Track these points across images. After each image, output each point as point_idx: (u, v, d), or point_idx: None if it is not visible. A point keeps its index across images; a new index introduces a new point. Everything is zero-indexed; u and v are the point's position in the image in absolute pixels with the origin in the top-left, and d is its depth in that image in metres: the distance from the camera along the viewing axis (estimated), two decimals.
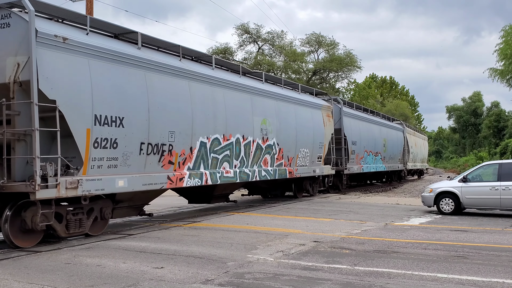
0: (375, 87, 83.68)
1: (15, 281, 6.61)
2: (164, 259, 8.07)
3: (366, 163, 27.25)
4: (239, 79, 15.23)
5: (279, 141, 17.02)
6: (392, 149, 33.07)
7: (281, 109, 17.45)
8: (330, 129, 21.51)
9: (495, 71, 41.71)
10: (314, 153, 19.92)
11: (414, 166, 42.31)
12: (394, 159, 33.70)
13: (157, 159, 11.38)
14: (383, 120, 32.96)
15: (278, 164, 17.03)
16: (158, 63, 11.64)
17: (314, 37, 46.23)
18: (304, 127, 19.05)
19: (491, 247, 9.49)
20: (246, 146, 14.97)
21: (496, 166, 14.87)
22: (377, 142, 29.49)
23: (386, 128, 32.17)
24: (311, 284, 6.52)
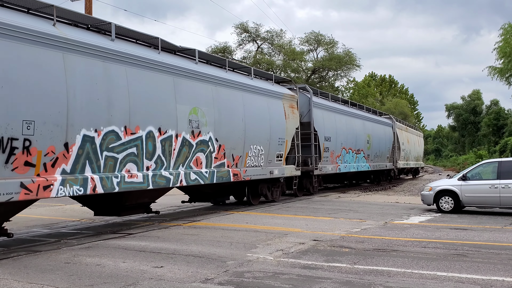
0: (375, 85, 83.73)
1: (15, 281, 6.60)
2: (164, 258, 8.07)
3: (345, 162, 24.12)
4: (157, 56, 11.71)
5: (218, 136, 13.70)
6: (379, 146, 30.02)
7: (222, 97, 14.01)
8: (294, 123, 18.37)
9: (494, 69, 41.68)
10: (272, 151, 16.69)
11: (407, 165, 39.03)
12: (381, 157, 30.62)
13: (2, 160, 8.10)
14: (368, 113, 29.56)
15: (218, 165, 13.77)
16: (11, 26, 8.34)
17: (313, 35, 46.26)
18: (257, 120, 15.71)
19: (491, 245, 9.50)
20: (165, 142, 11.53)
21: (496, 164, 14.87)
22: (359, 138, 26.33)
23: (370, 122, 28.94)
24: (310, 283, 6.52)
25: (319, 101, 21.62)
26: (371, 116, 29.89)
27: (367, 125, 28.11)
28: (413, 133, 43.98)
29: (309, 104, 20.58)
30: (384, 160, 31.47)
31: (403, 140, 36.53)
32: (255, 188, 16.78)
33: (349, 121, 25.11)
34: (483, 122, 62.12)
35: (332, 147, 22.49)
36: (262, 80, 17.41)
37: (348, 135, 24.61)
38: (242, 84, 15.21)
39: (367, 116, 28.69)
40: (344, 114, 24.55)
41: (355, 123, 25.94)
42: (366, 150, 27.46)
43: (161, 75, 11.63)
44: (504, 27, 38.23)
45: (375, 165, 29.29)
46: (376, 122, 30.42)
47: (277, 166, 17.15)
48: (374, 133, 29.04)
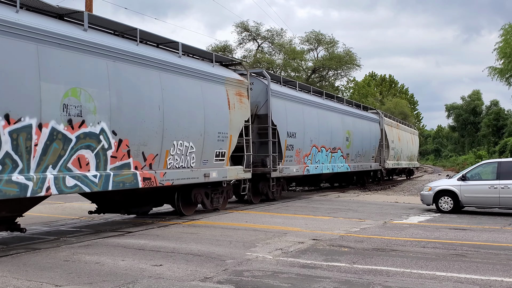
0: (375, 85, 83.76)
1: (14, 278, 6.61)
2: (163, 256, 8.07)
3: (316, 162, 20.67)
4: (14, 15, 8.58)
5: (117, 127, 10.26)
6: (362, 144, 26.70)
7: (125, 76, 10.60)
8: (242, 114, 15.00)
9: (495, 70, 41.69)
10: (208, 148, 13.37)
11: (398, 165, 35.37)
12: (365, 156, 27.32)
13: None
14: (348, 107, 25.96)
15: (119, 167, 10.35)
16: None
17: (314, 35, 46.27)
18: (183, 109, 12.38)
19: (490, 245, 9.51)
20: (18, 134, 8.36)
21: (495, 165, 14.88)
22: (336, 135, 22.87)
23: (351, 117, 25.41)
24: (309, 282, 6.52)
25: (279, 90, 18.17)
26: (353, 110, 26.45)
27: (347, 120, 24.65)
28: (406, 131, 40.23)
29: (266, 93, 17.03)
30: (368, 159, 28.23)
31: (393, 138, 33.14)
32: (187, 195, 13.41)
33: (323, 115, 21.58)
34: (483, 123, 62.12)
35: (299, 145, 18.97)
36: (197, 59, 13.87)
37: (321, 131, 21.17)
38: (160, 61, 11.70)
39: (347, 110, 25.13)
40: (315, 107, 21.00)
41: (330, 117, 22.47)
42: (345, 149, 24.10)
43: (14, 40, 8.39)
44: (505, 28, 38.23)
45: (356, 166, 25.94)
46: (359, 117, 26.91)
47: (216, 167, 13.77)
48: (356, 130, 25.75)
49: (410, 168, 41.88)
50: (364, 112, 28.79)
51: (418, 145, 48.09)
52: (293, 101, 19.05)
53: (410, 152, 40.44)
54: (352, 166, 25.16)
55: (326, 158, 21.79)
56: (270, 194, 17.52)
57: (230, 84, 14.57)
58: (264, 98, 17.06)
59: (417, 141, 47.66)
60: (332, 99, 24.07)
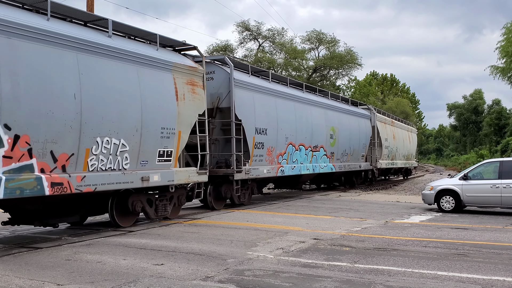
0: (376, 84, 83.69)
1: (16, 277, 6.61)
2: (164, 255, 8.08)
3: (293, 161, 18.38)
4: None
5: (12, 120, 8.23)
6: (349, 142, 24.24)
7: (23, 57, 8.55)
8: (196, 107, 12.70)
9: (497, 69, 41.69)
10: (149, 146, 11.24)
11: (393, 164, 32.90)
12: (353, 155, 24.94)
13: None
14: (333, 101, 23.35)
15: (14, 169, 8.28)
16: None
17: (315, 34, 46.23)
18: (111, 97, 10.20)
19: (492, 245, 9.50)
20: None
21: (497, 164, 14.86)
22: (318, 132, 20.49)
23: (337, 112, 22.92)
24: (311, 281, 6.52)
25: (246, 80, 15.71)
26: (339, 104, 23.80)
27: (331, 116, 22.20)
28: (403, 128, 37.53)
29: (229, 83, 14.74)
30: (358, 159, 25.88)
31: (387, 136, 30.88)
32: (123, 203, 11.24)
33: (302, 110, 19.20)
34: (484, 122, 62.10)
35: (271, 142, 16.70)
36: (137, 41, 11.79)
37: (300, 127, 18.83)
38: (77, 40, 9.55)
39: (331, 104, 22.57)
40: (293, 100, 18.66)
41: (311, 112, 20.03)
42: (329, 147, 21.73)
43: None
44: (507, 26, 38.22)
45: (343, 166, 23.55)
46: (346, 112, 24.34)
47: (159, 169, 11.58)
48: (343, 126, 23.39)
49: (407, 167, 39.67)
50: (352, 107, 26.13)
51: (416, 144, 45.17)
52: (264, 93, 16.61)
53: (407, 151, 37.96)
54: (337, 166, 22.70)
55: (305, 158, 19.40)
56: (235, 199, 15.40)
57: (179, 71, 12.17)
58: (227, 88, 14.78)
59: (415, 139, 44.61)
60: (315, 92, 21.65)
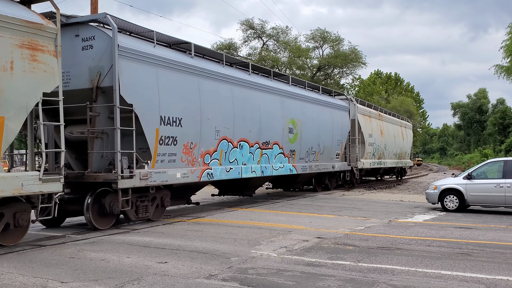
0: (380, 83, 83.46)
1: (20, 275, 6.64)
2: (168, 254, 8.09)
3: (231, 162, 14.40)
4: None
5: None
6: (318, 138, 20.26)
7: None
8: (39, 82, 8.81)
9: (501, 68, 41.55)
10: None
11: (380, 164, 28.93)
12: (323, 154, 20.94)
13: None
14: (293, 87, 19.02)
15: None
16: None
17: (319, 32, 46.14)
18: None
19: (496, 244, 9.47)
20: None
21: (501, 164, 14.82)
22: (269, 125, 16.40)
23: (299, 101, 18.84)
24: (314, 280, 6.52)
25: (144, 50, 11.46)
26: (302, 92, 19.57)
27: (291, 106, 18.16)
28: (394, 123, 33.37)
29: (112, 52, 10.68)
30: (330, 158, 21.84)
31: (371, 131, 27.08)
32: None
33: (244, 96, 15.08)
34: (489, 121, 61.89)
35: (189, 137, 12.58)
36: None
37: (240, 118, 14.72)
38: None
39: (290, 91, 18.40)
40: (229, 83, 14.40)
41: (259, 99, 15.93)
42: (288, 144, 17.74)
43: None
44: None
45: (309, 166, 19.52)
46: (314, 102, 20.21)
47: None
48: (308, 119, 19.42)
49: (401, 167, 35.96)
50: (324, 96, 21.96)
51: (411, 141, 40.23)
52: (177, 71, 12.28)
53: (399, 148, 33.97)
54: (300, 167, 18.79)
55: (250, 157, 15.38)
56: (130, 215, 11.27)
57: (7, 27, 8.33)
58: (110, 61, 10.70)
59: (411, 136, 39.77)
60: (267, 75, 17.62)
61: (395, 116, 34.91)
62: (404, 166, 36.61)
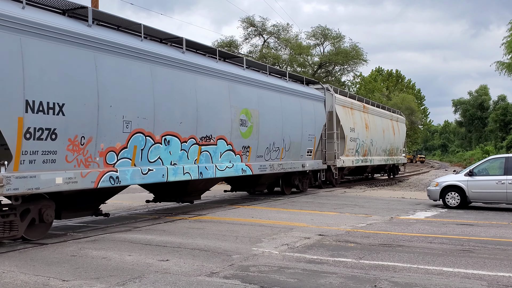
0: (381, 80, 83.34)
1: (21, 273, 6.64)
2: (170, 251, 8.09)
3: (152, 161, 11.31)
4: None
5: None
6: (283, 132, 17.06)
7: None
8: None
9: (502, 65, 41.49)
10: None
11: (365, 162, 26.27)
12: (290, 151, 17.67)
13: None
14: (247, 71, 15.65)
15: None
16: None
17: (320, 30, 46.07)
18: None
19: (497, 241, 9.46)
20: None
21: (503, 160, 14.80)
22: (211, 115, 13.35)
23: (256, 88, 15.63)
24: (316, 277, 6.51)
25: None
26: (260, 77, 16.16)
27: (245, 93, 15.04)
28: (383, 116, 30.29)
29: None
30: (300, 156, 18.59)
31: (354, 124, 24.37)
32: None
33: (171, 77, 11.96)
34: (490, 118, 61.82)
35: (79, 129, 9.45)
36: None
37: (163, 105, 11.61)
38: None
39: (244, 76, 15.07)
40: (148, 61, 11.29)
41: (197, 84, 12.78)
42: (239, 139, 14.62)
43: None
44: None
45: (269, 166, 16.39)
46: (277, 90, 17.01)
47: None
48: (269, 109, 16.24)
49: (393, 164, 33.14)
50: (292, 84, 18.72)
51: (404, 136, 36.97)
52: (55, 40, 9.09)
53: (389, 144, 31.04)
54: (258, 166, 15.66)
55: (183, 155, 12.23)
56: None
57: None
58: None
59: (403, 130, 36.50)
60: (213, 56, 14.30)
61: (384, 109, 32.04)
62: (396, 163, 33.71)
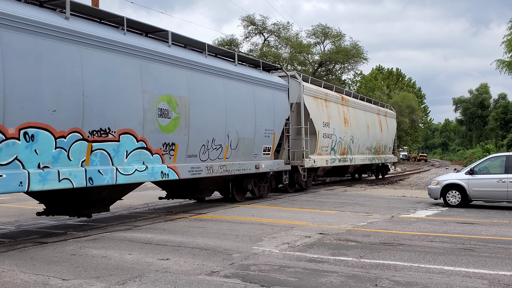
0: (382, 79, 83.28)
1: (21, 272, 6.63)
2: (170, 250, 8.07)
3: (6, 165, 8.13)
4: None
5: None
6: (226, 126, 13.88)
7: None
8: None
9: (503, 63, 41.45)
10: None
11: (344, 161, 23.05)
12: (238, 149, 14.52)
13: None
14: (176, 49, 12.56)
15: None
16: None
17: (320, 28, 46.02)
18: None
19: (498, 239, 9.44)
20: None
21: (504, 158, 14.78)
22: (115, 103, 10.29)
23: (186, 71, 12.43)
24: (316, 276, 6.49)
25: None
26: (192, 57, 12.84)
27: (167, 76, 11.83)
28: (367, 110, 27.14)
29: None
30: (254, 155, 15.40)
31: (328, 118, 21.25)
32: None
33: (34, 48, 8.67)
34: (490, 116, 61.80)
35: None
36: None
37: (19, 86, 8.39)
38: None
39: (165, 54, 11.81)
40: None
41: (83, 60, 9.60)
42: (159, 134, 11.45)
43: None
44: None
45: (207, 168, 13.03)
46: (218, 74, 13.67)
47: None
48: (204, 97, 12.95)
49: (382, 163, 30.30)
50: (241, 68, 15.21)
51: (394, 132, 33.14)
52: None
53: (375, 141, 27.88)
54: (189, 168, 12.40)
55: (59, 155, 9.11)
56: None
57: None
58: None
59: (393, 126, 32.79)
60: (117, 26, 11.06)
61: (371, 102, 28.82)
62: (385, 162, 30.60)
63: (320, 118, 20.57)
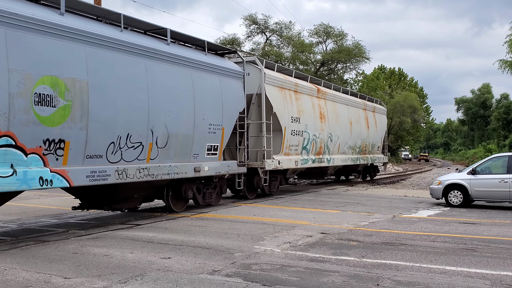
0: (384, 78, 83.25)
1: (23, 270, 6.63)
2: (171, 249, 8.07)
3: None
4: None
5: None
6: (149, 119, 10.90)
7: None
8: None
9: (505, 63, 41.41)
10: None
11: (320, 161, 20.03)
12: (169, 148, 11.66)
13: None
14: (70, 17, 9.36)
15: None
16: None
17: (322, 28, 46.05)
18: None
19: (500, 240, 9.42)
20: None
21: (506, 159, 14.75)
22: None
23: (85, 46, 9.36)
24: (318, 275, 6.49)
25: None
26: (90, 29, 9.65)
27: (54, 51, 8.82)
28: (350, 104, 23.65)
29: None
30: (194, 155, 12.67)
31: (299, 113, 18.27)
32: None
33: None
34: (492, 116, 61.71)
35: None
36: None
37: None
38: None
39: (48, 23, 8.71)
40: None
41: None
42: (37, 128, 8.48)
43: None
44: None
45: (118, 172, 10.11)
46: (136, 52, 10.70)
47: None
48: (116, 82, 10.12)
49: (371, 164, 27.31)
50: (176, 48, 12.35)
51: (384, 130, 29.73)
52: None
53: (360, 139, 24.57)
54: (88, 173, 9.47)
55: None
56: None
57: None
58: None
59: (383, 123, 29.53)
60: None
61: (356, 96, 25.35)
62: (373, 162, 27.31)
63: (288, 112, 17.46)
